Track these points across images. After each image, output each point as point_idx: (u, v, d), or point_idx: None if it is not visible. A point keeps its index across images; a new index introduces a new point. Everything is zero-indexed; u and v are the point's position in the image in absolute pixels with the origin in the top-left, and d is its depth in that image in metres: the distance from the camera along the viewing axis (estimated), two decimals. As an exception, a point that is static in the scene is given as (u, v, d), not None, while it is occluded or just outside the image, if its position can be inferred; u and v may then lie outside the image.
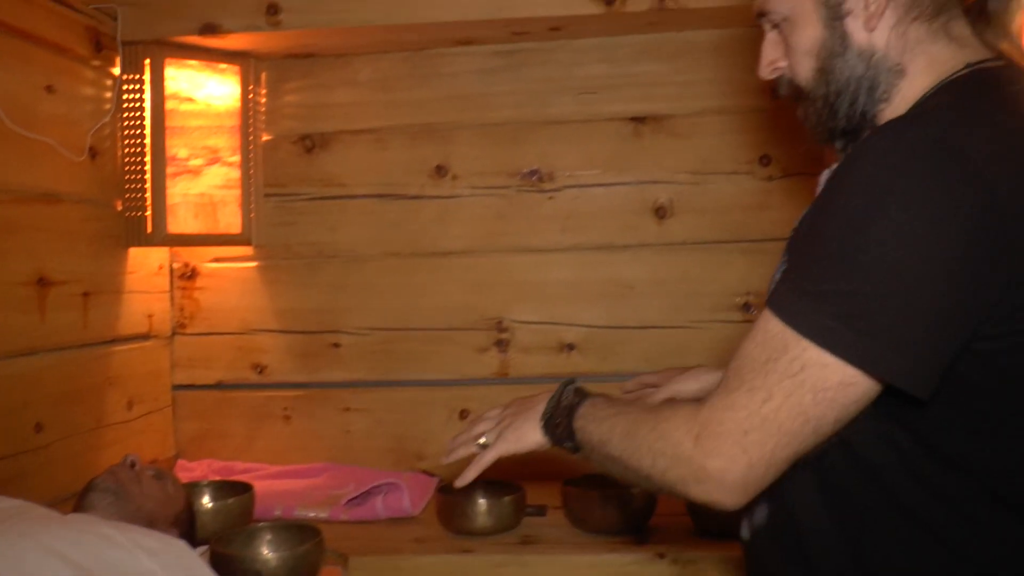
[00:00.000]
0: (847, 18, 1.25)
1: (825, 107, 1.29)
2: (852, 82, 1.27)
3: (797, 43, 1.30)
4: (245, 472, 2.58)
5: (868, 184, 1.06)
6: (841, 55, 1.27)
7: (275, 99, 2.70)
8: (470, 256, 2.66)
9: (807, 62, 1.29)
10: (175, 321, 2.71)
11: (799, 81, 1.32)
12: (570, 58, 2.62)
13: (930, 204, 1.03)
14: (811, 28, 1.27)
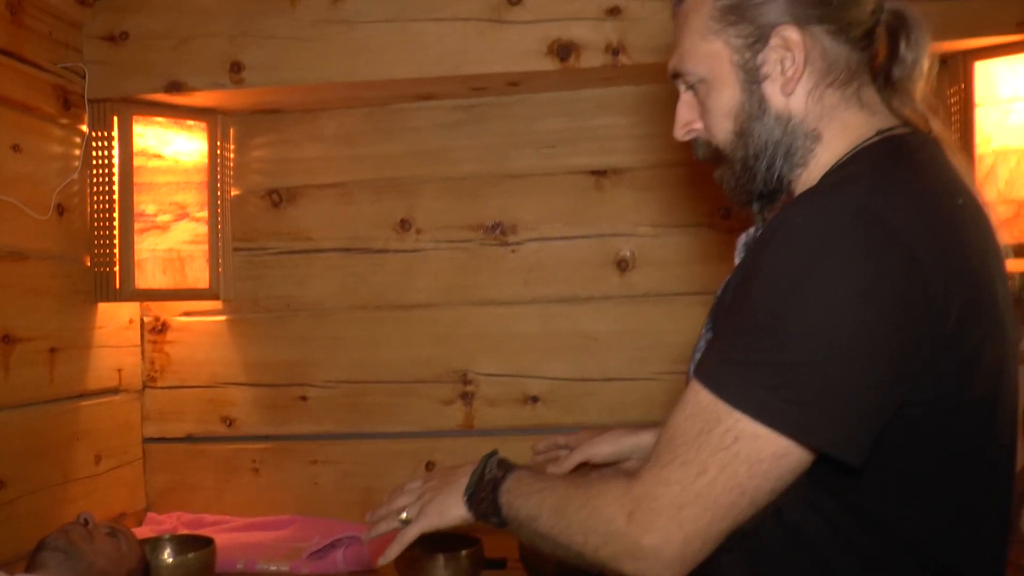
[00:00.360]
0: (765, 82, 1.28)
1: (744, 170, 1.32)
2: (770, 146, 1.30)
3: (714, 105, 1.31)
4: (214, 524, 2.61)
5: (794, 252, 1.08)
6: (759, 118, 1.29)
7: (243, 154, 2.76)
8: (435, 309, 2.69)
9: (725, 124, 1.31)
10: (146, 374, 2.76)
11: (716, 143, 1.34)
12: (530, 112, 2.67)
13: (857, 272, 1.05)
14: (729, 91, 1.30)
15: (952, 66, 2.46)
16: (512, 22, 2.44)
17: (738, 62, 1.29)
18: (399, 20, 2.46)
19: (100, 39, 2.52)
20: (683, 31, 1.33)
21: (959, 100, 2.43)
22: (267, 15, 2.48)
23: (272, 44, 2.47)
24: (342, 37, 2.46)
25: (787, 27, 1.26)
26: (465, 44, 2.44)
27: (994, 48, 2.35)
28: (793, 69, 1.27)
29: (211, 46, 2.48)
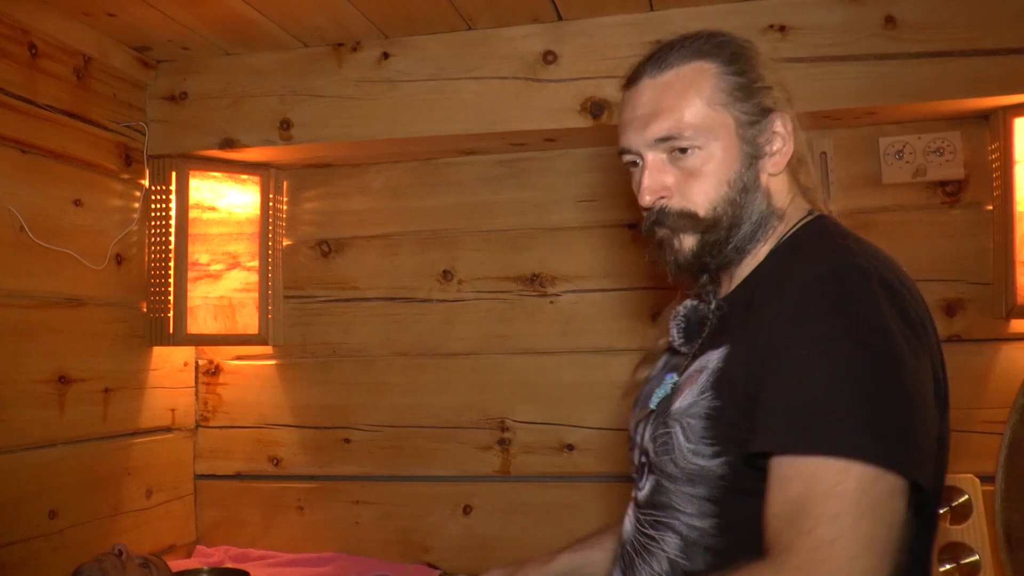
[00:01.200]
0: (761, 159, 1.38)
1: (717, 239, 1.37)
2: (754, 217, 1.38)
3: (712, 172, 1.36)
4: (259, 559, 2.73)
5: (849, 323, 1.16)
6: (752, 191, 1.38)
7: (295, 206, 2.90)
8: (474, 357, 2.77)
9: (718, 192, 1.36)
10: (199, 414, 2.91)
11: (693, 209, 1.37)
12: (568, 167, 2.73)
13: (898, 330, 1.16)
14: (731, 161, 1.36)
15: (992, 123, 2.43)
16: (547, 80, 2.51)
17: (742, 136, 1.36)
18: (439, 79, 2.56)
19: (161, 99, 2.70)
20: (680, 98, 1.36)
21: (999, 157, 2.40)
22: (315, 75, 2.62)
23: (319, 103, 2.61)
24: (385, 95, 2.58)
25: (782, 113, 1.38)
26: (502, 102, 2.53)
27: (1034, 104, 2.32)
28: (783, 152, 1.38)
29: (262, 105, 2.64)
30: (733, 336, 1.31)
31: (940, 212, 2.49)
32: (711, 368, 1.31)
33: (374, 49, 2.61)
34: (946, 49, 2.29)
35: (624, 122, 1.43)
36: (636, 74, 1.43)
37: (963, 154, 2.47)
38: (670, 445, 1.31)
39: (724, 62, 1.37)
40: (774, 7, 2.39)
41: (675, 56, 1.38)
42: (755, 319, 1.28)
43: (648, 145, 1.38)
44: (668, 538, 1.33)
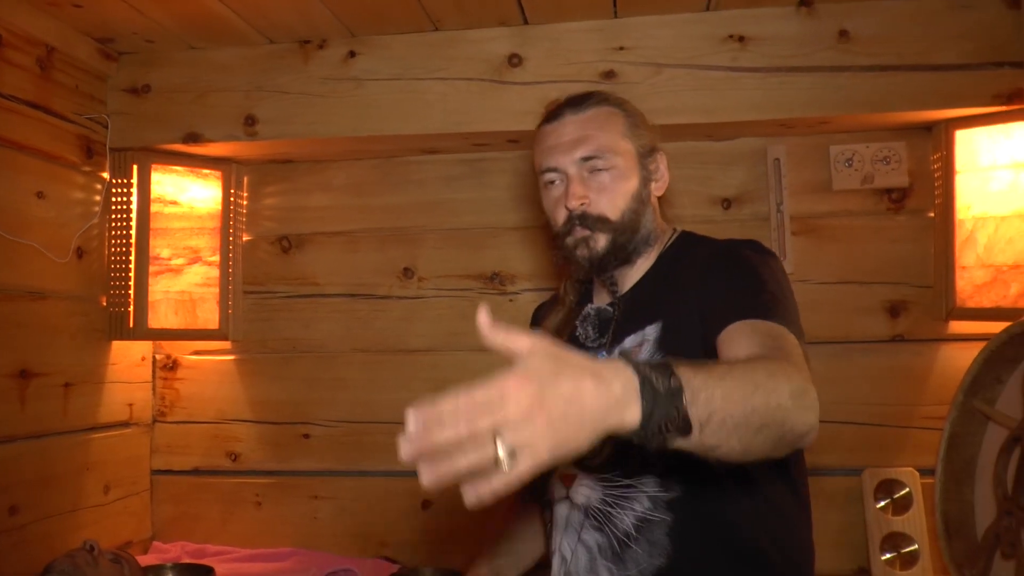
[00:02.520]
0: (650, 183, 1.80)
1: (623, 241, 1.74)
2: (647, 226, 1.78)
3: (621, 188, 1.74)
4: (217, 555, 2.72)
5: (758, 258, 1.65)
6: (646, 205, 1.79)
7: (256, 201, 2.90)
8: (434, 354, 2.81)
9: (625, 203, 1.74)
10: (156, 409, 2.89)
11: (607, 215, 1.73)
12: (528, 167, 2.73)
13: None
14: (634, 180, 1.76)
15: (935, 135, 2.56)
16: (512, 83, 2.57)
17: (639, 162, 1.78)
18: (405, 79, 2.60)
19: (123, 91, 2.68)
20: (599, 129, 1.75)
21: (941, 166, 2.52)
22: (281, 71, 2.63)
23: (285, 99, 2.62)
24: (351, 94, 2.61)
25: (662, 152, 1.84)
26: (468, 103, 2.57)
27: (974, 118, 2.45)
28: (663, 180, 1.83)
29: (227, 100, 2.64)
30: (659, 314, 1.68)
31: (886, 218, 2.61)
32: (652, 338, 1.66)
33: (340, 47, 2.63)
34: (895, 63, 2.41)
35: (549, 147, 1.77)
36: (557, 113, 1.80)
37: (908, 163, 2.59)
38: None
39: (622, 109, 1.81)
40: (734, 18, 2.48)
41: (591, 101, 1.79)
42: (680, 295, 1.66)
43: (574, 163, 1.74)
44: (645, 479, 1.61)
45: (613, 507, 1.63)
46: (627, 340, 1.70)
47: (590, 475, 1.66)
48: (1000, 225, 2.42)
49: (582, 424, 0.97)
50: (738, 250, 1.67)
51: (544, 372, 0.97)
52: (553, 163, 1.76)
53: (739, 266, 1.63)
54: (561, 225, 1.77)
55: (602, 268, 1.76)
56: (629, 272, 1.80)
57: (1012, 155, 2.41)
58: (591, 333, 1.81)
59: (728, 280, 1.60)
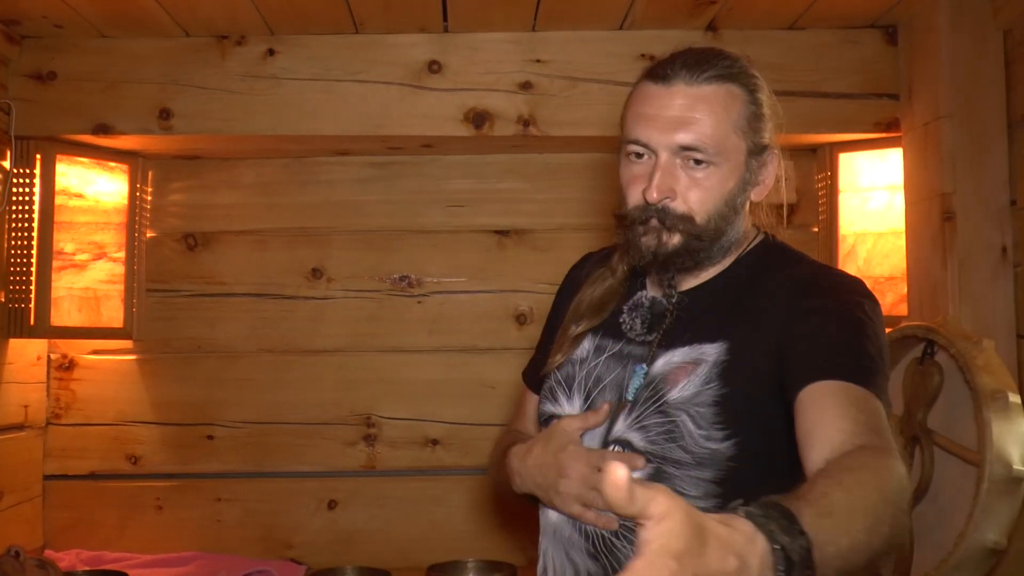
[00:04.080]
0: (751, 187, 1.51)
1: (701, 245, 1.48)
2: (735, 233, 1.52)
3: (716, 187, 1.46)
4: (116, 561, 2.63)
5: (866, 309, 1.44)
6: (739, 212, 1.51)
7: (160, 197, 2.83)
8: (341, 355, 2.82)
9: (716, 206, 1.47)
10: (50, 411, 2.76)
11: (693, 215, 1.46)
12: (440, 172, 2.85)
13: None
14: (734, 182, 1.47)
15: (820, 156, 2.79)
16: (432, 89, 2.62)
17: (747, 163, 1.48)
18: (325, 79, 2.60)
19: (27, 77, 2.56)
20: (712, 114, 1.44)
21: (825, 186, 2.76)
22: (197, 66, 2.58)
23: (201, 94, 2.57)
24: (270, 92, 2.59)
25: (774, 150, 1.53)
26: (386, 106, 2.60)
27: (856, 143, 2.70)
28: (765, 184, 1.53)
29: (141, 92, 2.57)
30: (726, 333, 1.46)
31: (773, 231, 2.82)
32: (711, 360, 1.44)
33: (259, 44, 2.60)
34: (791, 89, 2.61)
35: (646, 117, 1.47)
36: (669, 74, 1.47)
37: (795, 181, 2.82)
38: (677, 433, 1.42)
39: (748, 90, 1.49)
40: (646, 38, 2.63)
41: (712, 71, 1.46)
42: (755, 318, 1.45)
43: (669, 147, 1.44)
44: None
45: (620, 538, 1.43)
46: (679, 351, 1.48)
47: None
48: (878, 241, 2.67)
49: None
50: (845, 294, 1.45)
51: (691, 545, 0.84)
52: (645, 137, 1.46)
53: (843, 315, 1.42)
54: (632, 208, 1.50)
55: (664, 267, 1.51)
56: (693, 275, 1.54)
57: (888, 178, 2.66)
58: (638, 326, 1.56)
59: (826, 327, 1.40)
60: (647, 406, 1.47)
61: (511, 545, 2.76)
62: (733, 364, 1.42)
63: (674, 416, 1.43)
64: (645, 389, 1.48)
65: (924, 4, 2.44)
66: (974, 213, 2.37)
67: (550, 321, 1.82)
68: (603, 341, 1.60)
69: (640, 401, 1.48)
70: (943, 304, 2.40)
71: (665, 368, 1.48)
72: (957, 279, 2.37)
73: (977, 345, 2.14)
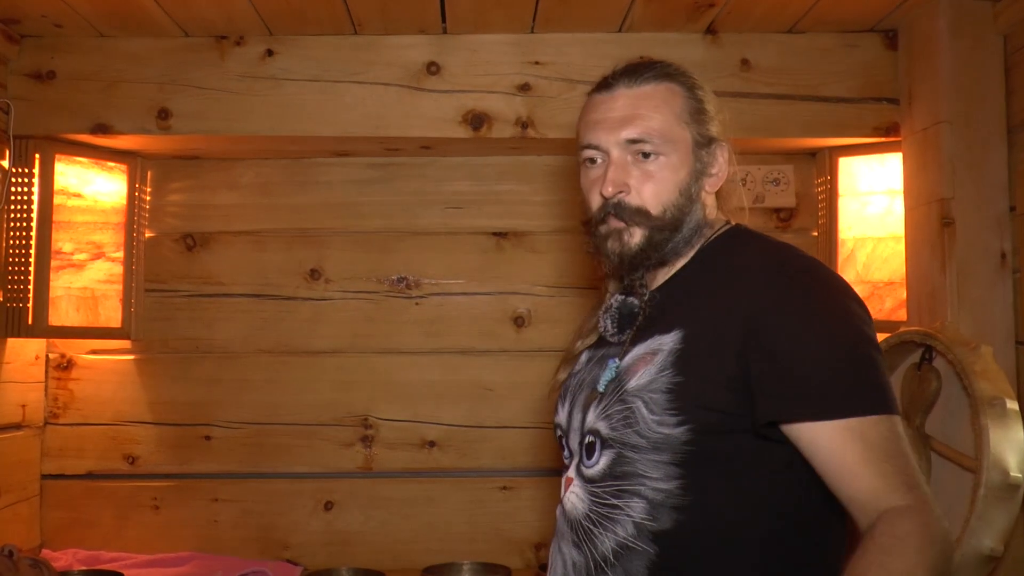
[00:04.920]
0: (703, 177, 1.56)
1: (662, 238, 1.53)
2: (692, 223, 1.56)
3: (667, 178, 1.52)
4: (112, 561, 2.64)
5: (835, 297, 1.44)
6: (695, 201, 1.55)
7: (159, 197, 2.83)
8: (339, 356, 2.82)
9: (670, 196, 1.52)
10: (48, 411, 2.77)
11: (647, 207, 1.52)
12: (439, 174, 2.85)
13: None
14: (684, 172, 1.53)
15: (820, 160, 2.78)
16: (430, 90, 2.62)
17: (695, 153, 1.55)
18: (323, 80, 2.60)
19: (26, 76, 2.56)
20: (654, 110, 1.52)
21: (825, 190, 2.75)
22: (196, 66, 2.59)
23: (200, 94, 2.58)
24: (269, 92, 2.59)
25: (724, 144, 1.58)
26: (385, 108, 2.60)
27: (856, 147, 2.69)
28: (719, 176, 1.58)
29: (139, 92, 2.57)
30: (682, 322, 1.48)
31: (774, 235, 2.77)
32: (667, 349, 1.47)
33: (258, 45, 2.60)
34: (790, 93, 2.61)
35: (593, 122, 1.56)
36: (610, 83, 1.57)
37: (795, 185, 2.81)
38: (632, 419, 1.46)
39: (688, 88, 1.57)
40: (644, 40, 2.62)
41: (650, 74, 1.56)
42: (712, 303, 1.48)
43: (618, 144, 1.52)
44: (633, 503, 1.44)
45: (596, 525, 1.48)
46: (642, 344, 1.51)
47: (583, 484, 1.52)
48: (877, 245, 2.66)
49: None
50: (805, 286, 1.43)
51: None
52: (595, 140, 1.54)
53: (811, 319, 1.39)
54: (595, 211, 1.56)
55: (632, 267, 1.55)
56: (663, 270, 1.58)
57: (887, 183, 2.66)
58: (610, 327, 1.60)
59: (805, 339, 1.38)
60: (612, 396, 1.52)
61: (507, 548, 2.76)
62: (687, 351, 1.45)
63: (630, 403, 1.48)
64: (612, 382, 1.53)
65: (924, 8, 2.43)
66: (973, 219, 2.37)
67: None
68: (593, 351, 1.67)
69: (609, 392, 1.53)
70: (942, 310, 2.39)
71: (630, 361, 1.52)
72: (956, 285, 2.36)
73: (975, 351, 2.13)
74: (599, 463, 1.50)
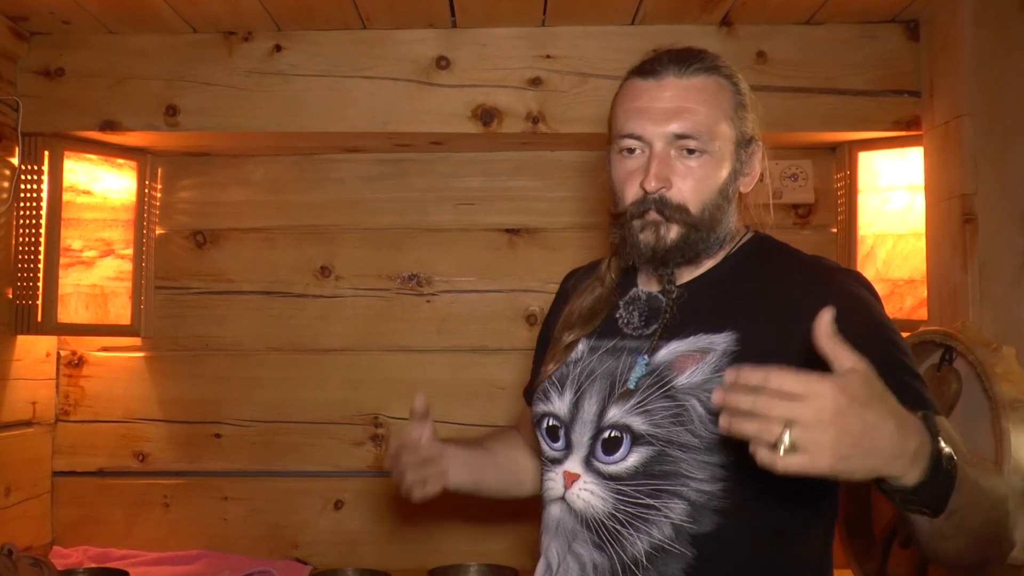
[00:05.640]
0: (741, 177, 1.54)
1: (698, 237, 1.49)
2: (727, 224, 1.54)
3: (709, 176, 1.48)
4: (122, 559, 2.64)
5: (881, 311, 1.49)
6: (731, 201, 1.54)
7: (169, 194, 2.83)
8: (349, 354, 2.80)
9: (710, 196, 1.49)
10: (59, 408, 2.77)
11: (688, 204, 1.48)
12: (450, 170, 2.82)
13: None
14: (725, 171, 1.50)
15: (839, 155, 2.71)
16: (440, 85, 2.59)
17: (736, 153, 1.52)
18: (332, 75, 2.58)
19: (35, 73, 2.56)
20: (704, 104, 1.48)
21: (844, 185, 2.68)
22: (203, 62, 2.57)
23: (208, 90, 2.56)
24: (276, 88, 2.57)
25: (759, 143, 1.57)
26: (394, 103, 2.57)
27: (876, 141, 2.61)
28: (753, 175, 1.57)
29: (147, 88, 2.56)
30: (734, 323, 1.46)
31: (792, 232, 2.76)
32: (720, 350, 1.44)
33: (266, 41, 2.58)
34: (807, 86, 2.55)
35: (637, 110, 1.49)
36: (658, 69, 1.51)
37: (813, 180, 2.74)
38: (686, 417, 1.42)
39: (733, 83, 1.54)
40: (658, 33, 2.57)
41: (700, 65, 1.51)
42: (761, 310, 1.46)
43: (664, 137, 1.47)
44: (673, 504, 1.41)
45: (625, 526, 1.43)
46: (683, 342, 1.48)
47: (602, 480, 1.47)
48: (897, 242, 2.59)
49: (867, 457, 1.04)
50: (863, 303, 1.45)
51: (859, 393, 1.03)
52: (639, 130, 1.48)
53: (875, 333, 1.41)
54: (630, 204, 1.50)
55: (663, 261, 1.51)
56: (689, 269, 1.55)
57: (908, 178, 2.58)
58: (636, 320, 1.57)
59: (866, 353, 1.27)
60: (651, 392, 1.47)
61: (517, 548, 2.72)
62: (745, 354, 1.42)
63: (683, 401, 1.44)
64: (647, 377, 1.48)
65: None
66: (996, 215, 2.29)
67: (542, 337, 1.84)
68: (597, 342, 1.60)
69: (642, 388, 1.48)
70: (963, 309, 2.32)
71: (670, 356, 1.48)
72: (978, 283, 2.29)
73: (996, 352, 2.07)
74: (628, 460, 1.45)
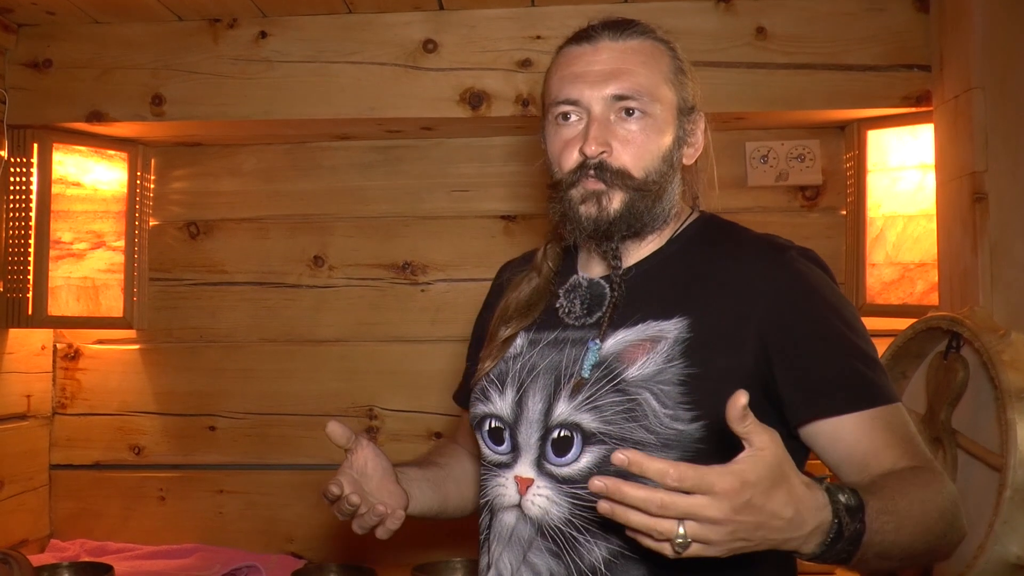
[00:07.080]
0: (684, 146, 1.48)
1: (645, 205, 1.42)
2: (672, 195, 1.47)
3: (651, 141, 1.42)
4: (118, 552, 2.64)
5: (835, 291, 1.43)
6: (676, 171, 1.47)
7: (163, 185, 2.82)
8: (344, 345, 2.76)
9: (654, 162, 1.42)
10: (56, 401, 2.79)
11: (630, 169, 1.41)
12: (443, 156, 2.76)
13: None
14: (669, 136, 1.44)
15: (848, 134, 2.59)
16: (427, 69, 2.53)
17: (678, 118, 1.46)
18: (318, 61, 2.54)
19: (23, 65, 2.57)
20: (642, 65, 1.42)
21: (853, 165, 2.56)
22: (189, 50, 2.55)
23: (193, 79, 2.54)
24: (262, 75, 2.54)
25: (701, 113, 1.50)
26: (380, 88, 2.52)
27: (885, 118, 2.49)
28: (697, 145, 1.50)
29: (133, 78, 2.55)
30: (683, 308, 1.39)
31: (799, 215, 2.64)
32: (671, 337, 1.37)
33: (251, 27, 2.55)
34: (810, 62, 2.43)
35: (572, 75, 1.43)
36: (592, 34, 1.46)
37: (821, 161, 2.62)
38: (639, 412, 1.34)
39: (671, 50, 1.47)
40: (652, 11, 2.47)
41: (636, 30, 1.45)
42: (719, 295, 1.39)
43: (602, 100, 1.41)
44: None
45: (582, 532, 1.36)
46: (631, 330, 1.40)
47: (556, 484, 1.40)
48: (908, 224, 2.46)
49: (760, 542, 1.06)
50: (816, 284, 1.40)
51: (762, 482, 1.02)
52: (575, 94, 1.41)
53: (825, 317, 1.38)
54: (568, 172, 1.42)
55: (607, 235, 1.42)
56: (634, 248, 1.47)
57: (919, 156, 2.45)
58: (577, 309, 1.49)
59: (825, 334, 1.36)
60: (600, 386, 1.39)
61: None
62: (697, 341, 1.37)
63: (635, 395, 1.36)
64: (597, 368, 1.40)
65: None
66: (1008, 193, 2.14)
67: (475, 335, 1.76)
68: (537, 335, 1.52)
69: (591, 382, 1.40)
70: (974, 293, 2.18)
71: (618, 346, 1.41)
72: (988, 265, 2.15)
73: (1004, 339, 1.95)
74: (580, 461, 1.37)
